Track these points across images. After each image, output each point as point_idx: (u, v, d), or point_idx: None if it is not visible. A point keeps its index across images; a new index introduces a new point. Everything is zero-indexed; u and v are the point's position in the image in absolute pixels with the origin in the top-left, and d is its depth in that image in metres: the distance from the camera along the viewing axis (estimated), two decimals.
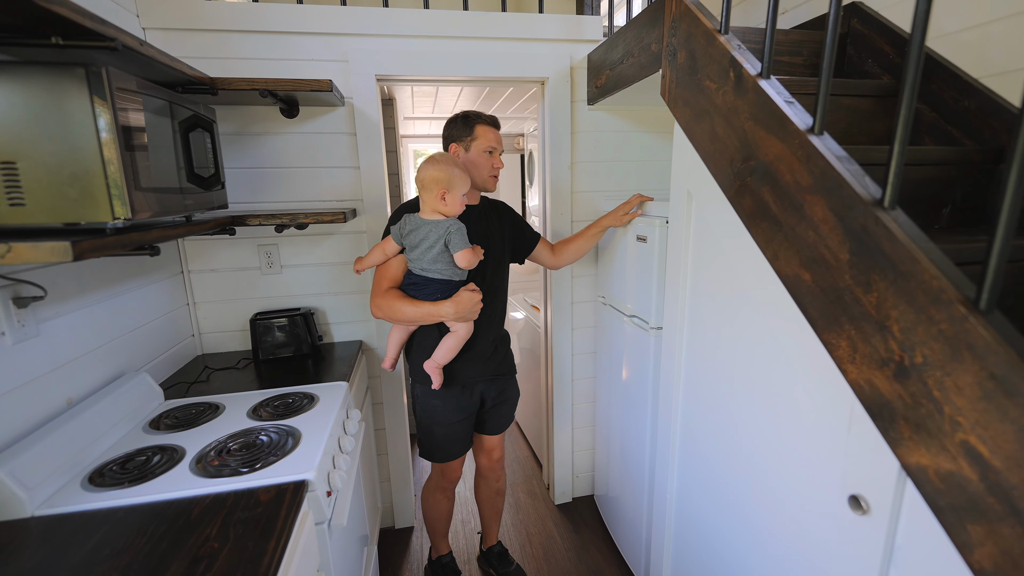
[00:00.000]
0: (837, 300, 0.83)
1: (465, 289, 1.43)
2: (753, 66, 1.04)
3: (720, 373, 1.22)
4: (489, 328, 1.57)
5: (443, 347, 1.47)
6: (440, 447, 1.63)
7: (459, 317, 1.41)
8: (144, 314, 1.52)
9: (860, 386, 0.79)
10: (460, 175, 1.36)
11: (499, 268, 1.58)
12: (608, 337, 1.99)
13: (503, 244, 1.59)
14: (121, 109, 0.89)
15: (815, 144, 0.87)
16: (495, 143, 1.50)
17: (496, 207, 1.64)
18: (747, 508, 1.15)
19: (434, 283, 1.41)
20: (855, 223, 0.79)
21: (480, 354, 1.56)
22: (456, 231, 1.36)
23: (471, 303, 1.41)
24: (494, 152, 1.51)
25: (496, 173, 1.52)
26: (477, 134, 1.49)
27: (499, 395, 1.67)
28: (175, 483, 1.01)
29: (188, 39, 1.62)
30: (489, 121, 1.50)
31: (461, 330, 1.46)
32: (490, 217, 1.58)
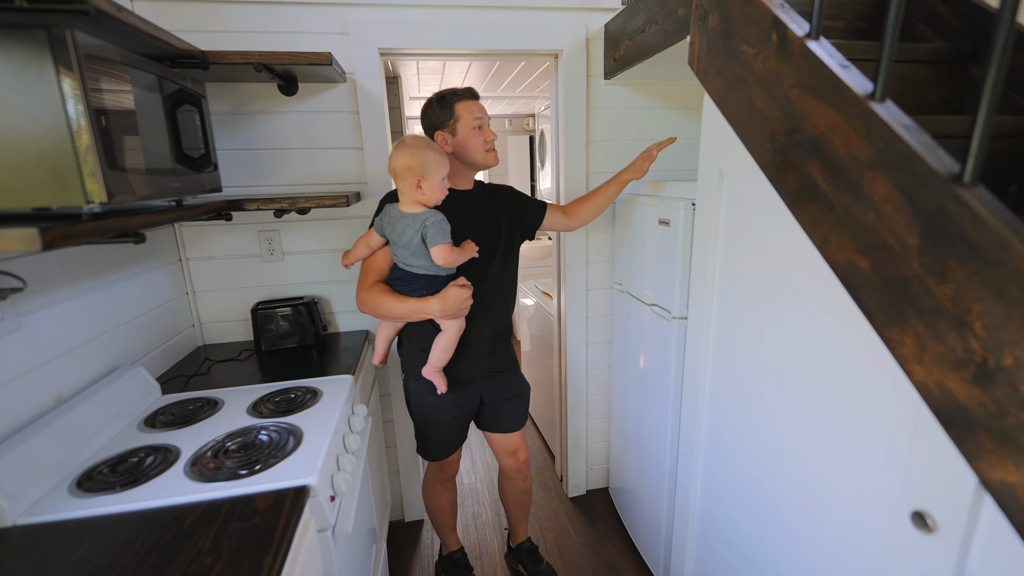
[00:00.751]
0: (902, 291, 0.72)
1: (454, 284, 1.32)
2: (800, 26, 0.92)
3: (754, 368, 1.13)
4: (485, 323, 1.47)
5: (436, 349, 1.38)
6: (435, 446, 1.57)
7: (447, 314, 1.31)
8: (141, 304, 1.45)
9: (929, 389, 0.70)
10: (435, 158, 1.23)
11: (497, 258, 1.46)
12: (625, 326, 1.89)
13: (502, 231, 1.47)
14: (94, 80, 0.80)
15: (878, 112, 0.76)
16: (481, 115, 1.36)
17: (493, 191, 1.52)
18: (784, 514, 1.07)
19: (419, 278, 1.31)
20: (928, 203, 0.68)
21: (476, 350, 1.48)
22: (432, 224, 1.24)
23: (459, 300, 1.31)
24: (483, 125, 1.37)
25: (492, 146, 1.39)
26: (459, 113, 1.35)
27: (503, 391, 1.58)
28: (168, 488, 0.94)
29: (180, 10, 1.52)
30: (466, 94, 1.37)
31: (451, 328, 1.36)
32: (485, 203, 1.46)
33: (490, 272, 1.45)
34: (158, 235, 1.58)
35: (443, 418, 1.52)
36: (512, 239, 1.52)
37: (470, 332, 1.43)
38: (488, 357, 1.51)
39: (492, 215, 1.46)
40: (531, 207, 1.58)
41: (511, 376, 1.60)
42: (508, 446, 1.66)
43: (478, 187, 1.49)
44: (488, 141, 1.38)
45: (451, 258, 1.27)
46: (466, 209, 1.41)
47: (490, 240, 1.44)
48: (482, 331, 1.47)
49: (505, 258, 1.49)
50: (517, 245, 1.55)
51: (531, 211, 1.57)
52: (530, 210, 1.57)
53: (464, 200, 1.42)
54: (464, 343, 1.43)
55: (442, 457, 1.60)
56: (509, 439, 1.65)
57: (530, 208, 1.57)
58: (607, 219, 1.97)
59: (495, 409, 1.59)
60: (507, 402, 1.59)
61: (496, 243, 1.46)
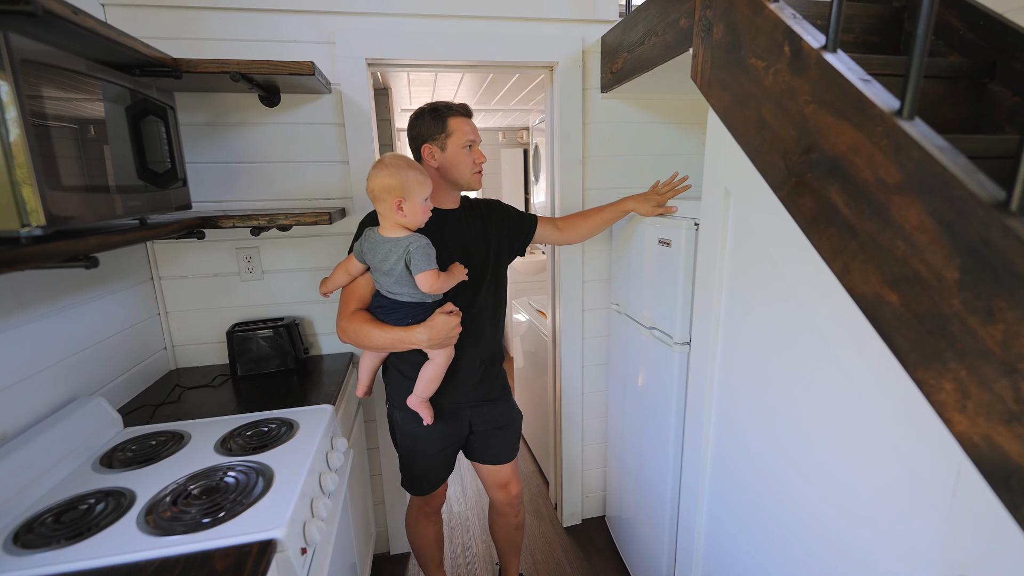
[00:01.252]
0: (939, 330, 0.65)
1: (440, 311, 1.24)
2: (815, 38, 0.85)
3: (767, 403, 1.05)
4: (475, 349, 1.38)
5: (423, 378, 1.30)
6: (421, 479, 1.47)
7: (434, 344, 1.22)
8: (104, 327, 1.34)
9: (973, 443, 0.62)
10: (417, 177, 1.15)
11: (485, 280, 1.38)
12: (623, 349, 1.81)
13: (491, 251, 1.39)
14: (33, 88, 0.71)
15: (907, 131, 0.69)
16: (473, 136, 1.30)
17: (479, 208, 1.44)
18: (801, 566, 0.98)
19: (404, 307, 1.22)
20: (970, 233, 0.61)
21: (466, 379, 1.39)
22: (417, 249, 1.15)
23: (447, 328, 1.22)
24: (474, 146, 1.31)
25: (480, 169, 1.33)
26: (452, 129, 1.27)
27: (493, 420, 1.48)
28: (117, 542, 0.84)
29: (154, 17, 1.44)
30: (462, 111, 1.30)
31: (439, 357, 1.27)
32: (472, 221, 1.38)
33: (479, 295, 1.37)
34: (126, 254, 1.48)
35: (429, 450, 1.42)
36: (501, 258, 1.44)
37: (459, 360, 1.35)
38: (478, 385, 1.42)
39: (480, 234, 1.38)
40: (521, 222, 1.50)
41: (503, 404, 1.50)
42: (498, 478, 1.56)
43: (464, 204, 1.42)
44: (477, 163, 1.32)
45: (438, 285, 1.19)
46: (451, 229, 1.33)
47: (478, 261, 1.36)
48: (472, 358, 1.38)
49: (494, 279, 1.41)
50: (506, 264, 1.47)
51: (521, 226, 1.49)
52: (520, 225, 1.49)
53: (448, 219, 1.34)
54: (453, 371, 1.35)
55: (428, 492, 1.50)
56: (499, 471, 1.54)
57: (520, 223, 1.50)
58: (604, 236, 1.89)
59: (485, 439, 1.49)
60: (498, 431, 1.49)
61: (485, 264, 1.38)
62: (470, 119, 1.32)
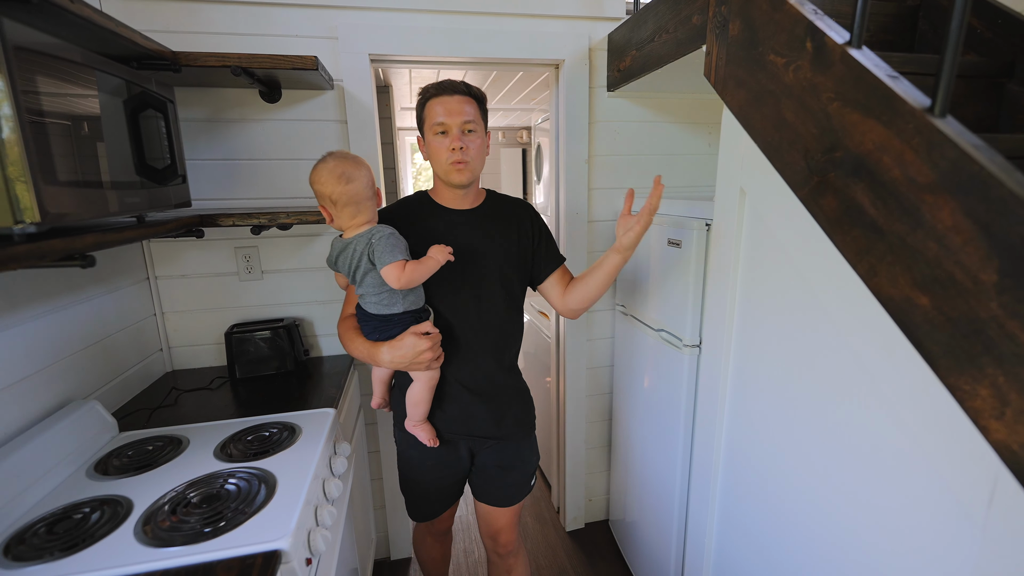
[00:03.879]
0: (975, 334, 0.62)
1: (412, 331, 1.08)
2: (839, 34, 0.83)
3: (784, 408, 1.02)
4: (459, 372, 1.20)
5: (407, 400, 1.19)
6: (416, 505, 1.36)
7: (396, 367, 1.10)
8: (99, 328, 1.30)
9: (1012, 452, 0.59)
10: (344, 179, 1.01)
11: (485, 296, 1.18)
12: (629, 351, 1.79)
13: (501, 263, 1.19)
14: (29, 80, 0.68)
15: (940, 129, 0.66)
16: (444, 117, 1.08)
17: (504, 212, 1.23)
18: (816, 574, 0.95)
19: (372, 319, 1.10)
20: (1010, 234, 0.58)
21: (454, 408, 1.22)
22: (380, 239, 1.01)
23: (412, 352, 1.06)
24: (448, 131, 1.09)
25: (460, 158, 1.09)
26: (427, 114, 1.12)
27: (496, 458, 1.28)
28: (114, 554, 0.80)
29: (152, 9, 1.40)
30: (438, 89, 1.11)
31: (420, 379, 1.14)
32: (490, 225, 1.20)
33: (471, 311, 1.18)
34: (122, 252, 1.44)
35: (422, 477, 1.30)
36: (512, 276, 1.22)
37: (442, 386, 1.20)
38: (469, 419, 1.23)
39: (494, 241, 1.19)
40: (544, 253, 1.27)
41: (512, 443, 1.29)
42: (490, 524, 1.36)
43: (489, 205, 1.24)
44: (451, 150, 1.09)
45: (407, 277, 1.01)
46: (461, 232, 1.17)
47: (481, 272, 1.17)
48: (456, 387, 1.21)
49: (500, 299, 1.20)
50: (518, 284, 1.24)
51: (541, 258, 1.27)
52: (541, 256, 1.26)
53: (457, 221, 1.18)
54: (439, 397, 1.21)
55: (425, 519, 1.39)
56: (492, 515, 1.34)
57: (543, 254, 1.27)
58: (609, 236, 1.87)
59: (484, 475, 1.31)
60: (500, 471, 1.29)
61: (488, 277, 1.18)
62: (451, 95, 1.10)
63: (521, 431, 1.30)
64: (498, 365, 1.24)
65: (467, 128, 1.10)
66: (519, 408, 1.29)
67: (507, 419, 1.26)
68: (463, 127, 1.10)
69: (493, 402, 1.24)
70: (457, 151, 1.09)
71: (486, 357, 1.21)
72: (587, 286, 1.21)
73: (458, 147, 1.09)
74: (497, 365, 1.23)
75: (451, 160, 1.10)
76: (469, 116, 1.10)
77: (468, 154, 1.10)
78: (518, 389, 1.30)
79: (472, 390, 1.22)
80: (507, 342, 1.25)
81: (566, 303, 1.27)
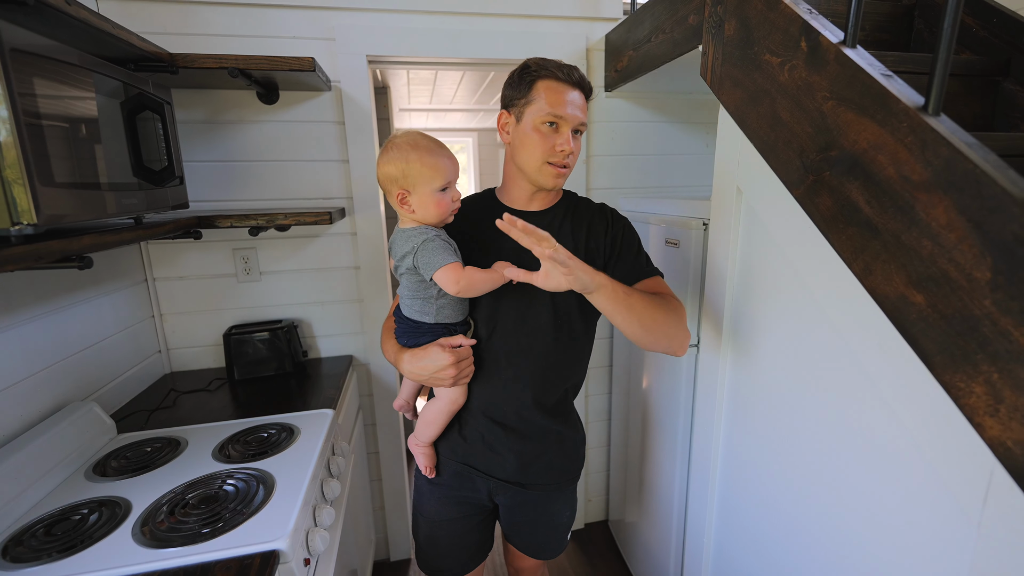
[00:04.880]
0: (969, 332, 0.63)
1: (437, 344, 0.94)
2: (833, 34, 0.83)
3: (779, 407, 1.02)
4: (486, 399, 1.01)
5: (422, 417, 1.06)
6: (424, 553, 1.13)
7: (414, 377, 0.97)
8: (97, 330, 1.31)
9: (1007, 449, 0.60)
10: (425, 159, 0.88)
11: (533, 315, 0.98)
12: (627, 351, 1.79)
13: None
14: (25, 82, 0.68)
15: (934, 127, 0.67)
16: (564, 109, 0.91)
17: (576, 217, 1.02)
18: (816, 573, 0.95)
19: (404, 322, 0.99)
20: (1002, 231, 0.59)
21: (475, 433, 1.03)
22: (424, 244, 0.89)
23: (433, 365, 0.92)
24: (559, 126, 0.92)
25: (560, 160, 0.93)
26: (536, 94, 0.92)
27: (525, 507, 1.08)
28: (112, 555, 0.81)
29: (150, 11, 1.40)
30: (557, 73, 0.92)
31: (443, 396, 1.00)
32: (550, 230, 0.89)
33: (510, 332, 0.98)
34: (120, 254, 1.44)
35: (435, 515, 1.09)
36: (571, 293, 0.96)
37: (466, 410, 1.03)
38: (489, 455, 1.03)
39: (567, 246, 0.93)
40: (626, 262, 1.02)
41: (539, 495, 1.07)
42: (512, 563, 1.24)
43: (562, 207, 1.04)
44: (558, 150, 0.92)
45: (465, 282, 0.88)
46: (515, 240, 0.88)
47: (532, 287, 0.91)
48: (480, 416, 1.02)
49: (544, 317, 0.98)
50: (576, 305, 1.00)
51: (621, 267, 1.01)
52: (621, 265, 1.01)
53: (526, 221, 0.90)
54: (460, 421, 1.04)
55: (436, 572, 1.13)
56: (517, 555, 1.20)
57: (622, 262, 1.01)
58: None
59: (508, 521, 1.13)
60: (526, 524, 1.11)
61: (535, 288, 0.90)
62: (576, 89, 0.94)
63: (553, 482, 1.07)
64: (536, 402, 1.01)
65: (579, 129, 0.95)
66: (556, 455, 1.06)
67: (537, 465, 1.05)
68: (579, 127, 0.94)
69: (523, 443, 1.03)
70: (566, 154, 0.93)
71: (523, 389, 1.00)
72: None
73: (569, 150, 0.92)
74: (535, 402, 1.01)
75: (554, 160, 0.93)
76: (584, 117, 0.95)
77: (572, 159, 0.95)
78: (561, 435, 1.06)
79: (499, 423, 1.02)
80: (553, 376, 1.02)
81: None
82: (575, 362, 1.05)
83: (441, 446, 1.08)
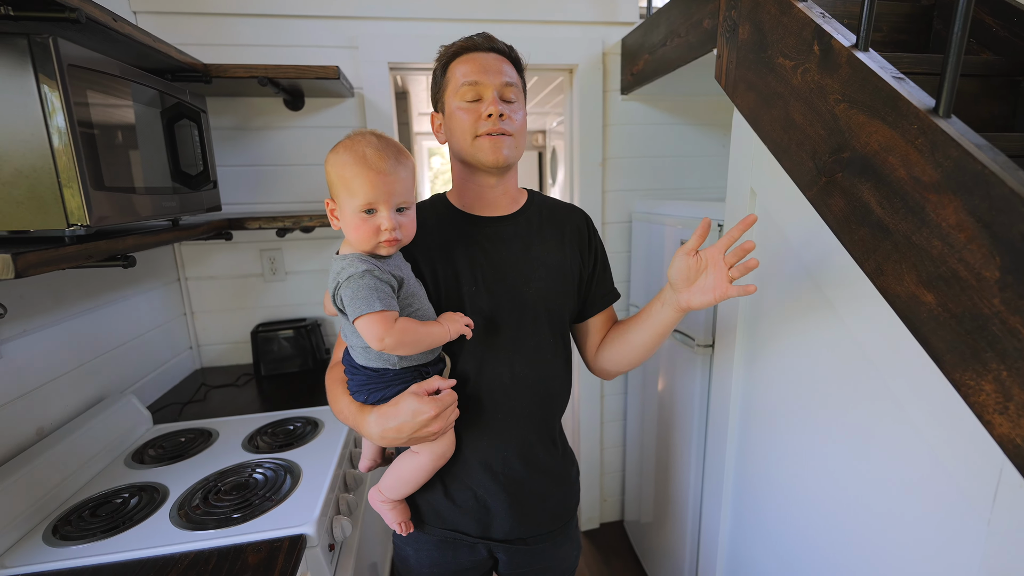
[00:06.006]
0: (978, 330, 0.64)
1: (411, 391, 0.72)
2: (846, 37, 0.85)
3: (790, 407, 1.03)
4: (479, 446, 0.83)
5: (394, 471, 0.82)
6: None
7: (387, 441, 0.73)
8: (134, 327, 1.38)
9: (1016, 446, 0.60)
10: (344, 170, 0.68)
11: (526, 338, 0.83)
12: None
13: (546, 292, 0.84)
14: (79, 93, 0.74)
15: (944, 129, 0.68)
16: (477, 74, 0.77)
17: (552, 220, 0.89)
18: (827, 569, 0.96)
19: (360, 372, 0.76)
20: (1011, 231, 0.60)
21: (465, 492, 0.85)
22: (348, 281, 0.67)
23: (412, 422, 0.71)
24: (480, 92, 0.77)
25: (491, 126, 0.76)
26: (449, 75, 0.80)
27: (525, 564, 0.92)
28: (152, 535, 0.86)
29: (183, 24, 1.48)
30: (466, 45, 0.81)
31: (426, 451, 0.77)
32: (528, 237, 0.85)
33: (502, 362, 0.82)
34: (155, 254, 1.51)
35: None
36: (563, 301, 0.87)
37: (453, 463, 0.83)
38: (484, 515, 0.86)
39: (544, 256, 0.85)
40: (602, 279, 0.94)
41: (547, 541, 0.91)
42: None
43: (529, 209, 0.89)
44: (486, 116, 0.76)
45: (394, 339, 0.67)
46: (489, 248, 0.83)
47: (517, 297, 0.82)
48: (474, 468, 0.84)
49: (543, 337, 0.85)
50: (568, 321, 0.90)
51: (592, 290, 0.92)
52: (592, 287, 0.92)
53: (484, 234, 0.83)
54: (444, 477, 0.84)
55: None
56: None
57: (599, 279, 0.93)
58: (623, 238, 1.89)
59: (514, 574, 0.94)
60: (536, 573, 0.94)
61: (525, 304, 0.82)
62: (488, 52, 0.80)
63: (557, 527, 0.93)
64: (539, 438, 0.87)
65: (508, 94, 0.78)
66: (557, 499, 0.91)
67: (538, 515, 0.89)
68: (503, 90, 0.78)
69: (522, 492, 0.86)
70: (495, 118, 0.76)
71: (522, 426, 0.85)
72: (629, 344, 0.88)
73: (497, 112, 0.76)
74: (538, 437, 0.87)
75: (483, 130, 0.77)
76: (511, 78, 0.79)
77: (511, 123, 0.78)
78: (558, 475, 0.91)
79: (496, 473, 0.84)
80: (553, 404, 0.89)
81: (598, 360, 0.93)
82: (567, 384, 0.91)
83: (425, 512, 0.87)
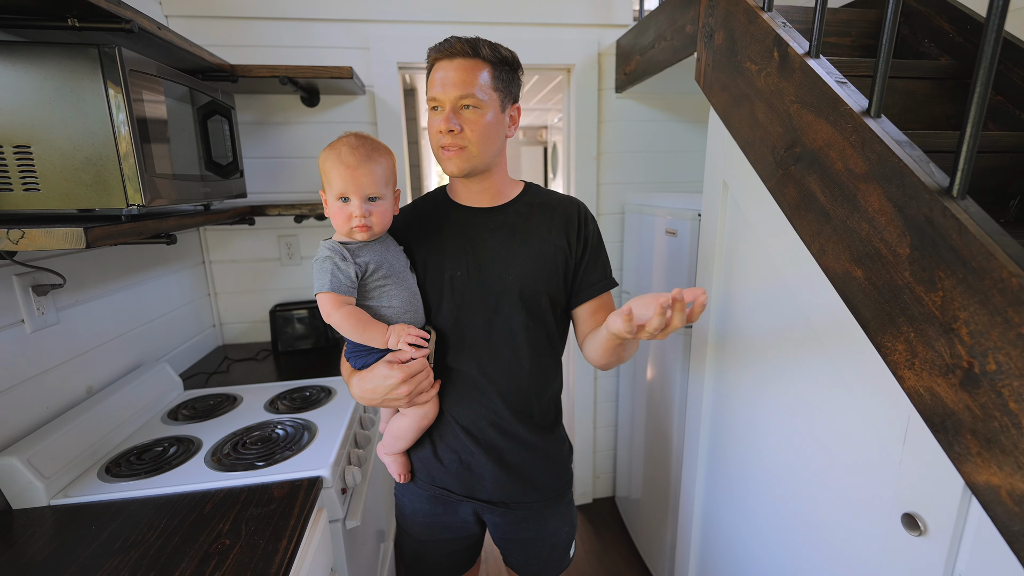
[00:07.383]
0: (894, 299, 0.75)
1: (384, 360, 0.83)
2: (800, 45, 0.96)
3: (753, 376, 1.15)
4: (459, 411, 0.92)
5: (390, 429, 0.95)
6: (408, 565, 1.06)
7: (365, 401, 0.87)
8: (165, 303, 1.52)
9: (919, 395, 0.72)
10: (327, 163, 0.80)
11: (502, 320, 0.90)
12: None
13: (526, 276, 0.90)
14: (136, 93, 0.87)
15: (871, 127, 0.79)
16: (436, 88, 0.83)
17: (543, 211, 0.94)
18: (779, 520, 1.08)
19: (350, 341, 0.88)
20: (918, 214, 0.71)
21: (450, 453, 0.94)
22: (314, 262, 0.81)
23: (383, 387, 0.82)
24: (440, 107, 0.84)
25: (448, 142, 0.84)
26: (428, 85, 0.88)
27: (515, 527, 0.99)
28: (190, 475, 1.00)
29: (209, 26, 1.61)
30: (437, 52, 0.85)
31: (409, 414, 0.90)
32: (514, 227, 0.91)
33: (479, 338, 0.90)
34: (184, 238, 1.65)
35: (415, 532, 1.02)
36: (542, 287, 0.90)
37: (440, 423, 0.94)
38: (468, 476, 0.94)
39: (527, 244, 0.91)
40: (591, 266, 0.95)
41: (530, 513, 0.97)
42: None
43: (523, 202, 0.95)
44: (440, 132, 0.84)
45: (334, 319, 0.80)
46: (475, 236, 0.91)
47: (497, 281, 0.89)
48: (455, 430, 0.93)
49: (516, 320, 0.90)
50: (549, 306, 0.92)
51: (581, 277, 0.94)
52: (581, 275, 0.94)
53: (472, 223, 0.92)
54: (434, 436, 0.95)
55: None
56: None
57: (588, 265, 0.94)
58: (616, 228, 2.00)
59: (502, 538, 1.03)
60: (521, 543, 1.01)
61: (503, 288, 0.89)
62: (451, 59, 0.83)
63: (544, 499, 0.98)
64: (516, 415, 0.92)
65: (463, 104, 0.82)
66: (538, 472, 0.96)
67: (519, 483, 0.95)
68: (457, 102, 0.82)
69: (503, 460, 0.93)
70: (445, 134, 0.83)
71: (499, 401, 0.92)
72: (593, 345, 0.91)
73: (446, 129, 0.82)
74: (514, 415, 0.92)
75: (440, 143, 0.85)
76: (467, 89, 0.82)
77: (463, 138, 0.83)
78: (542, 450, 0.96)
79: (476, 438, 0.92)
80: (529, 385, 0.93)
81: (583, 350, 0.96)
82: (550, 369, 0.97)
83: (418, 469, 0.98)
